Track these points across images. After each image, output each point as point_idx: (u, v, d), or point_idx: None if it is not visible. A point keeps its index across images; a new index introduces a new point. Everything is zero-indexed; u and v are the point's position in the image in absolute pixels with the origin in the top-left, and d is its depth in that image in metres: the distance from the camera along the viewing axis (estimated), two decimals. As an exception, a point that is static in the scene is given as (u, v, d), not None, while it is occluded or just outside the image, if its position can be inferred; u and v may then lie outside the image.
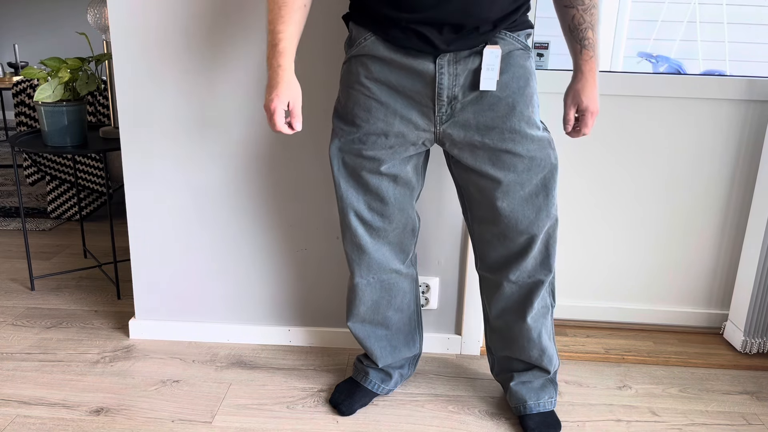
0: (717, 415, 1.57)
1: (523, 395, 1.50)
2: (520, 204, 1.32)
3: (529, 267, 1.40)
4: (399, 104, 1.28)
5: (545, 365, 1.49)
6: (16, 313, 2.03)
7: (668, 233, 1.94)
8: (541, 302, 1.45)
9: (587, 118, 1.32)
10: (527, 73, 1.29)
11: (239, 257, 1.79)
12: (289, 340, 1.86)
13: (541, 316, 1.46)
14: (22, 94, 2.81)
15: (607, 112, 1.85)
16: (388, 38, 1.24)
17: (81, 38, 5.91)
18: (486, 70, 1.24)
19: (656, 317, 2.01)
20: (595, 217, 1.94)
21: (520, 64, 1.27)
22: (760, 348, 1.85)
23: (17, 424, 1.46)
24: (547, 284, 1.42)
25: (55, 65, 1.96)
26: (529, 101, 1.28)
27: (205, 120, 1.68)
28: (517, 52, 1.27)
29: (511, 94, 1.27)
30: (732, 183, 1.90)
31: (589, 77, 1.30)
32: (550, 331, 1.49)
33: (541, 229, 1.35)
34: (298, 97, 1.25)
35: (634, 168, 1.89)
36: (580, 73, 1.31)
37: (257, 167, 1.72)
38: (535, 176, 1.31)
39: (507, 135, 1.28)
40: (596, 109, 1.31)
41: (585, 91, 1.30)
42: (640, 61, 4.47)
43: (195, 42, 1.62)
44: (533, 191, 1.32)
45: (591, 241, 1.96)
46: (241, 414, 1.53)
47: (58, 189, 2.93)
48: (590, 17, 1.28)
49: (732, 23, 4.40)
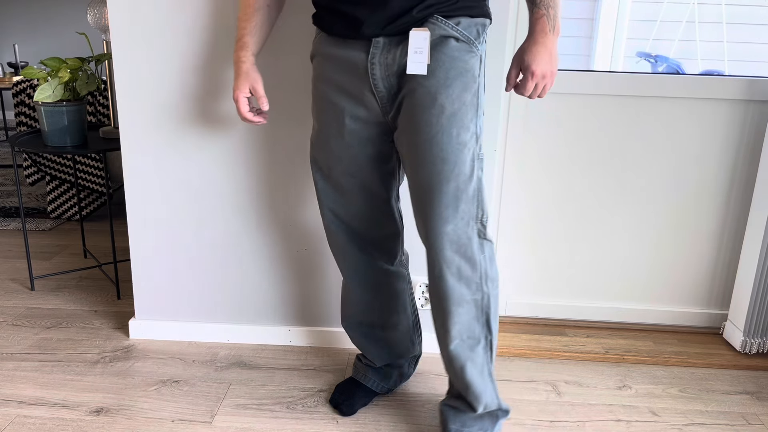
0: (717, 415, 1.57)
1: (446, 418, 1.37)
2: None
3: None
4: (346, 102, 1.26)
5: (471, 401, 1.32)
6: (16, 313, 2.03)
7: (668, 233, 1.94)
8: (463, 330, 1.27)
9: (527, 79, 1.22)
10: (464, 68, 1.16)
11: (239, 257, 1.79)
12: (289, 340, 1.86)
13: (468, 349, 1.28)
14: (22, 94, 2.81)
15: (607, 112, 1.85)
16: (324, 27, 1.24)
17: (81, 38, 5.91)
18: (413, 53, 1.15)
19: (656, 317, 2.01)
20: (594, 216, 1.94)
21: (455, 55, 1.16)
22: (759, 348, 1.85)
23: (17, 424, 1.46)
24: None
25: (55, 65, 1.96)
26: (457, 100, 1.16)
27: (205, 120, 1.68)
28: (452, 41, 1.16)
29: (435, 84, 1.16)
30: (732, 183, 1.90)
31: (538, 37, 1.20)
32: (481, 366, 1.30)
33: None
34: (257, 82, 1.33)
35: (634, 168, 1.89)
36: (529, 32, 1.23)
37: (257, 167, 1.72)
38: (447, 185, 1.18)
39: (423, 128, 1.18)
40: (541, 71, 1.20)
41: (530, 50, 1.21)
42: (639, 61, 4.47)
43: (195, 42, 1.62)
44: (447, 201, 1.19)
45: (591, 241, 1.96)
46: (241, 414, 1.53)
47: (58, 189, 2.93)
48: None
49: (731, 23, 4.41)
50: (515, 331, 1.96)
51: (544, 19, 1.19)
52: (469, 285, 1.24)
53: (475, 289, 1.25)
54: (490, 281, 1.26)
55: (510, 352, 1.83)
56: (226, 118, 1.68)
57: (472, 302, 1.25)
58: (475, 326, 1.27)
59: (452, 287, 1.24)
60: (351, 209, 1.37)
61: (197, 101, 1.67)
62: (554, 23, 1.19)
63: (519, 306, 2.03)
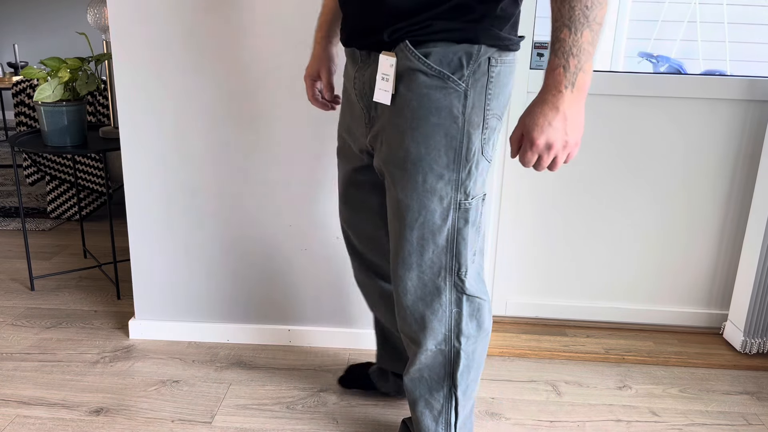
0: (717, 415, 1.57)
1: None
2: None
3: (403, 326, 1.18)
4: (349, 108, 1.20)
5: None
6: (16, 313, 2.03)
7: (668, 233, 1.94)
8: (423, 369, 1.19)
9: (525, 149, 0.96)
10: (435, 108, 0.99)
11: (239, 257, 1.79)
12: (289, 340, 1.85)
13: (426, 389, 1.21)
14: (22, 94, 2.81)
15: (608, 112, 1.85)
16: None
17: (81, 38, 5.91)
18: (380, 79, 1.02)
19: (656, 317, 2.01)
20: (594, 216, 1.94)
21: (423, 92, 0.99)
22: (760, 348, 1.85)
23: (17, 424, 1.46)
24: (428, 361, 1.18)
25: (55, 65, 1.96)
26: (424, 144, 1.01)
27: (205, 120, 1.68)
28: (420, 76, 0.98)
29: (402, 124, 1.03)
30: (732, 183, 1.90)
31: (547, 94, 0.93)
32: (438, 414, 1.22)
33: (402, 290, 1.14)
34: (324, 68, 1.28)
35: (634, 168, 1.89)
36: (542, 87, 0.96)
37: (257, 167, 1.71)
38: (410, 232, 1.09)
39: (390, 169, 1.07)
40: (546, 141, 0.93)
41: (533, 111, 0.94)
42: (640, 61, 4.47)
43: (195, 42, 1.62)
44: (410, 249, 1.10)
45: (591, 241, 1.96)
46: (241, 414, 1.53)
47: (57, 189, 2.93)
48: (569, 11, 0.89)
49: (732, 23, 4.40)
50: (515, 331, 1.96)
51: (560, 72, 0.90)
52: (434, 336, 1.15)
53: (441, 341, 1.15)
54: (463, 337, 1.15)
55: (510, 352, 1.83)
56: (227, 118, 1.68)
57: (438, 352, 1.17)
58: (440, 372, 1.18)
59: (415, 333, 1.16)
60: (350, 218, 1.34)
61: (197, 101, 1.67)
62: (574, 78, 0.90)
63: (519, 306, 2.02)
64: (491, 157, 1.07)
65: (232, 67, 1.63)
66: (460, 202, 1.06)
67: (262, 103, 1.66)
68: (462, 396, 1.20)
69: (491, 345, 1.85)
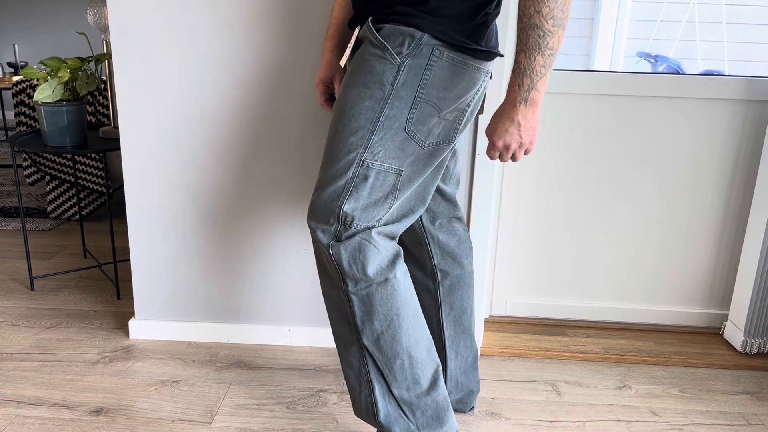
0: (717, 415, 1.57)
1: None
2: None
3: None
4: None
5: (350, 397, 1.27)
6: (16, 313, 2.03)
7: (668, 233, 1.94)
8: (333, 322, 1.23)
9: (489, 147, 1.16)
10: (368, 71, 1.12)
11: (239, 257, 1.79)
12: (289, 340, 1.86)
13: (342, 345, 1.23)
14: (22, 94, 2.81)
15: (606, 113, 1.85)
16: None
17: (81, 38, 5.91)
18: (348, 49, 1.25)
19: (656, 317, 2.01)
20: (594, 216, 1.94)
21: (363, 57, 1.14)
22: (760, 348, 1.85)
23: (17, 424, 1.46)
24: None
25: (55, 65, 1.96)
26: (349, 99, 1.13)
27: (205, 120, 1.68)
28: (368, 44, 1.14)
29: (345, 80, 1.17)
30: (732, 183, 1.90)
31: (506, 107, 1.11)
32: (358, 371, 1.22)
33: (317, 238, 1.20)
34: (338, 75, 1.37)
35: (634, 168, 1.89)
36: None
37: (257, 167, 1.72)
38: (324, 164, 1.19)
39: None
40: (504, 143, 1.13)
41: (493, 119, 1.14)
42: (639, 61, 4.47)
43: (195, 41, 1.62)
44: (320, 174, 1.22)
45: (591, 241, 1.96)
46: (241, 414, 1.53)
47: (57, 189, 2.93)
48: (526, 38, 1.05)
49: (731, 23, 4.41)
50: (515, 331, 1.96)
51: (516, 89, 1.08)
52: (327, 275, 1.21)
53: (337, 281, 1.18)
54: (349, 280, 1.16)
55: (510, 352, 1.83)
56: (227, 118, 1.68)
57: (337, 297, 1.19)
58: (343, 320, 1.20)
59: (318, 269, 1.25)
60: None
61: (197, 101, 1.67)
62: (527, 95, 1.08)
63: (519, 306, 2.03)
64: (424, 143, 1.15)
65: (232, 66, 1.63)
66: (364, 160, 1.14)
67: (262, 103, 1.66)
68: (375, 348, 1.17)
69: (491, 345, 1.86)
